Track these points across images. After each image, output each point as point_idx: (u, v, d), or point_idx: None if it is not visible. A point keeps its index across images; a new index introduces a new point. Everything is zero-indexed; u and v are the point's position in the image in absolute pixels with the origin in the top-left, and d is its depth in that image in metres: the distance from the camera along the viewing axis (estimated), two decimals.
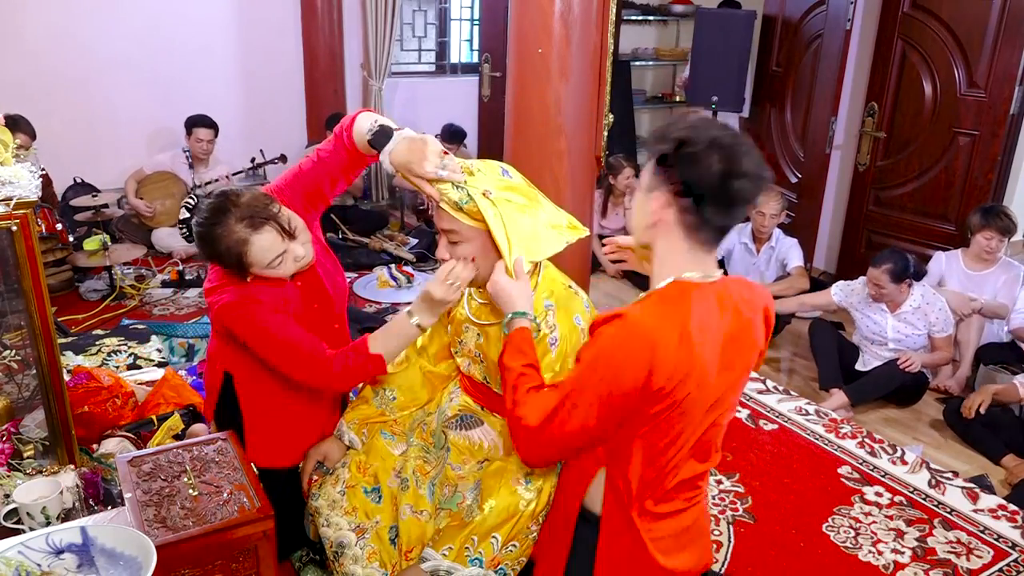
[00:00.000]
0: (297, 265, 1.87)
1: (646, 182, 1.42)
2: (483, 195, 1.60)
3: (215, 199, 1.82)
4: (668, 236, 1.40)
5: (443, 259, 1.71)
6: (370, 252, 5.01)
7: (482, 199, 1.60)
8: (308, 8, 5.79)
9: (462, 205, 1.62)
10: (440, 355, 2.05)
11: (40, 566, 1.32)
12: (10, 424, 2.01)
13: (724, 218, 1.37)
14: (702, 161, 1.31)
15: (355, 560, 1.81)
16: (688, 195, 1.34)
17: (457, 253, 1.68)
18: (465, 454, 1.89)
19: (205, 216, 1.80)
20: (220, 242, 1.78)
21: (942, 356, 3.54)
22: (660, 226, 1.39)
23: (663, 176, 1.36)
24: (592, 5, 2.73)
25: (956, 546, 2.52)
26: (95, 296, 4.16)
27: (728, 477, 2.83)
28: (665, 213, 1.37)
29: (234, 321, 1.82)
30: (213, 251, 1.80)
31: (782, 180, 5.03)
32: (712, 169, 1.30)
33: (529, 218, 1.65)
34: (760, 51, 5.30)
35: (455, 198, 1.62)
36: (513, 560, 1.70)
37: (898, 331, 3.50)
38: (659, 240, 1.42)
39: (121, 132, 5.38)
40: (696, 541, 1.56)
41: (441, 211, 1.67)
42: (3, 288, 2.06)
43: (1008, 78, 3.91)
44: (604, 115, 2.97)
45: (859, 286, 3.61)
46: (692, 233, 1.38)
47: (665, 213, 1.37)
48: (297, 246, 1.84)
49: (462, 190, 1.61)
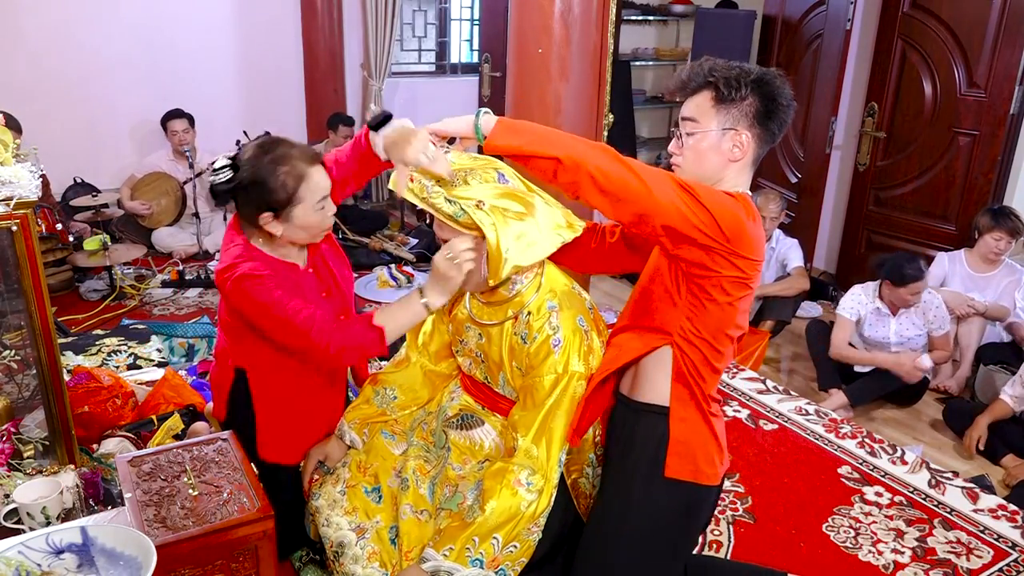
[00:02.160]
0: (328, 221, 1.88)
1: (714, 122, 1.54)
2: (476, 207, 1.62)
3: (270, 139, 1.84)
4: (735, 165, 1.57)
5: None
6: (370, 252, 5.01)
7: (476, 211, 1.61)
8: (308, 8, 5.79)
9: (457, 218, 1.64)
10: (441, 354, 2.06)
11: (40, 566, 1.32)
12: (10, 424, 2.01)
13: (781, 135, 1.58)
14: (777, 87, 1.53)
15: (355, 560, 1.81)
16: (762, 122, 1.53)
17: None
18: (466, 454, 1.90)
19: (264, 148, 1.80)
20: (277, 174, 1.76)
21: (941, 355, 3.54)
22: (737, 160, 1.55)
23: (736, 110, 1.53)
24: (592, 5, 2.73)
25: (956, 546, 2.52)
26: (95, 296, 4.16)
27: (728, 477, 2.83)
28: (747, 148, 1.54)
29: (246, 292, 1.78)
30: (264, 186, 1.77)
31: (782, 180, 5.03)
32: (785, 92, 1.53)
33: (525, 224, 1.66)
34: (760, 51, 5.30)
35: (449, 211, 1.63)
36: (514, 561, 1.70)
37: (900, 334, 3.50)
38: (727, 172, 1.57)
39: (121, 132, 5.38)
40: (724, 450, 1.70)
41: (440, 222, 1.70)
42: (3, 288, 2.07)
43: (1008, 78, 3.91)
44: (604, 115, 2.98)
45: (865, 297, 3.57)
46: (758, 155, 1.58)
47: (747, 148, 1.54)
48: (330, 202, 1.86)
49: (455, 204, 1.63)
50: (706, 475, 1.64)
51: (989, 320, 3.65)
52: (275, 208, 1.79)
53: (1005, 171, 4.07)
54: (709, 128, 1.55)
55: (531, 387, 1.75)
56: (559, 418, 1.72)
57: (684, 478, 1.62)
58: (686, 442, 1.62)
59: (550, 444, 1.71)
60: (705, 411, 1.63)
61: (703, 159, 1.57)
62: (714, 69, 1.55)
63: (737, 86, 1.52)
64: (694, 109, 1.57)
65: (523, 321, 1.77)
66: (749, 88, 1.52)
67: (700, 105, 1.56)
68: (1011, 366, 3.44)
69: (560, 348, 1.72)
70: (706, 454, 1.64)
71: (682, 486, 1.63)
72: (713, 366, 1.61)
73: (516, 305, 1.79)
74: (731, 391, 3.50)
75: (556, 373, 1.71)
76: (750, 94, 1.52)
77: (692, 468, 1.62)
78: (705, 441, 1.64)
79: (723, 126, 1.54)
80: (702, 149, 1.56)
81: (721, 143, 1.55)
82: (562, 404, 1.72)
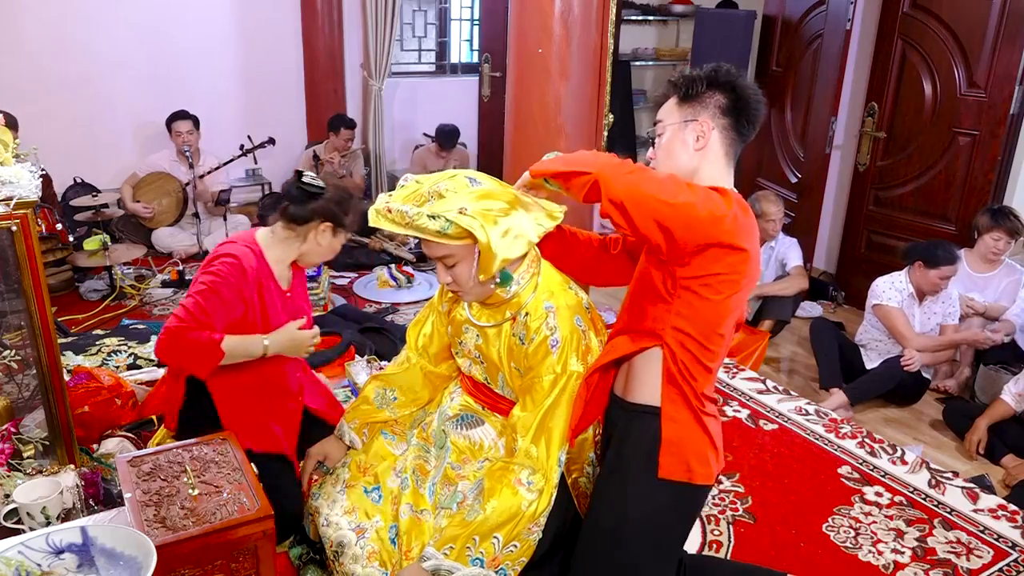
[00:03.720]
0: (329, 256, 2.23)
1: (677, 117, 1.62)
2: (460, 213, 1.62)
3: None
4: (708, 157, 1.60)
5: (445, 282, 1.76)
6: (370, 252, 5.01)
7: (461, 218, 1.61)
8: (308, 8, 5.78)
9: (445, 232, 1.63)
10: (441, 355, 2.06)
11: (40, 566, 1.32)
12: (10, 424, 2.01)
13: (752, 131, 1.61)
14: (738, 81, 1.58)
15: (355, 559, 1.82)
16: (729, 114, 1.58)
17: (457, 273, 1.72)
18: (465, 453, 1.90)
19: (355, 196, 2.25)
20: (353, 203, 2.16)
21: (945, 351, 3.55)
22: (704, 151, 1.60)
23: (698, 104, 1.60)
24: (592, 5, 2.73)
25: (956, 546, 2.52)
26: (95, 296, 4.16)
27: (728, 477, 2.83)
28: (708, 135, 1.59)
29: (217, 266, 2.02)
30: (344, 205, 2.13)
31: (782, 180, 5.03)
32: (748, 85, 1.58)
33: (510, 219, 1.67)
34: (760, 51, 5.30)
35: (436, 228, 1.63)
36: (514, 560, 1.70)
37: (922, 324, 3.53)
38: (700, 164, 1.61)
39: (121, 132, 5.38)
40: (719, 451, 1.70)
41: (428, 243, 1.70)
42: (3, 288, 2.07)
43: (1008, 78, 3.91)
44: (604, 115, 2.98)
45: (898, 284, 3.52)
46: (729, 150, 1.61)
47: (708, 135, 1.59)
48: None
49: (438, 219, 1.63)
50: (700, 475, 1.64)
51: (989, 320, 3.65)
52: (338, 223, 2.12)
53: (1005, 171, 4.07)
54: (673, 123, 1.63)
55: (530, 387, 1.75)
56: (558, 418, 1.72)
57: (677, 478, 1.63)
58: (678, 442, 1.63)
59: (549, 444, 1.72)
60: (698, 411, 1.63)
61: (671, 153, 1.63)
62: (680, 76, 1.65)
63: (697, 82, 1.61)
64: (662, 112, 1.67)
65: (521, 322, 1.77)
66: (707, 83, 1.60)
67: (666, 107, 1.66)
68: (1011, 366, 3.44)
69: (558, 348, 1.72)
70: (699, 454, 1.64)
71: (676, 486, 1.63)
72: (705, 365, 1.62)
73: (514, 306, 1.79)
74: (731, 391, 3.50)
75: (555, 373, 1.72)
76: (711, 88, 1.60)
77: (685, 468, 1.63)
78: (698, 441, 1.64)
79: (684, 118, 1.62)
80: (668, 144, 1.64)
81: (685, 134, 1.61)
82: (561, 404, 1.72)
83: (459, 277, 1.73)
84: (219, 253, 2.07)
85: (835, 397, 3.47)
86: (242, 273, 2.02)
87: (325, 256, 2.20)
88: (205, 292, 1.98)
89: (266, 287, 2.08)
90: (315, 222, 2.10)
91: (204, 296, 1.97)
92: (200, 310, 1.95)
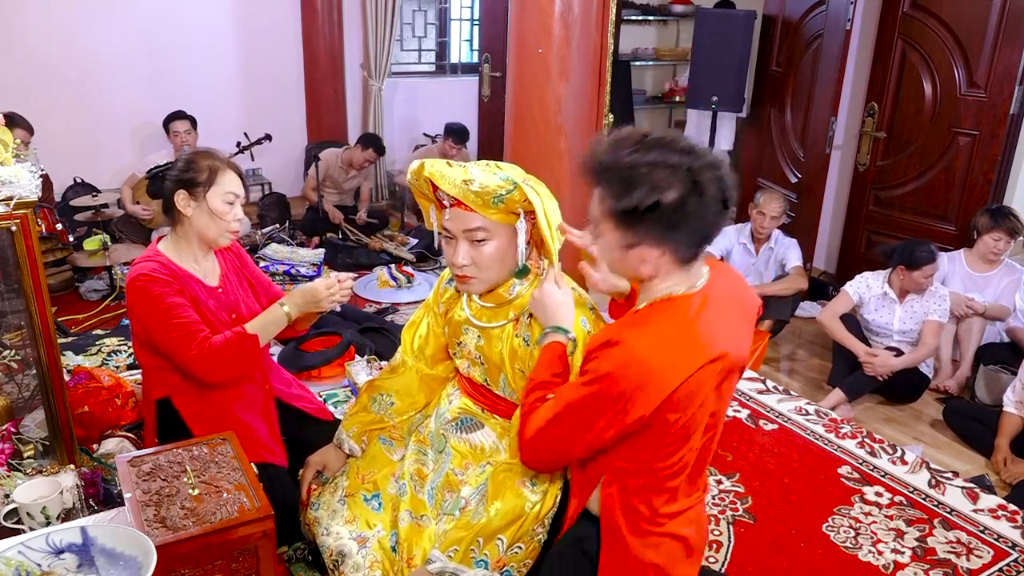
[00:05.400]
0: (235, 225, 2.09)
1: (618, 240, 1.34)
2: (524, 181, 1.56)
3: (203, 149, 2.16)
4: (660, 272, 1.36)
5: (464, 264, 1.68)
6: (370, 252, 5.01)
7: (527, 186, 1.54)
8: (308, 8, 5.79)
9: (503, 196, 1.55)
10: (437, 357, 2.03)
11: (40, 566, 1.32)
12: (10, 424, 2.01)
13: (712, 230, 1.33)
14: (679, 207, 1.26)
15: (356, 568, 1.79)
16: (673, 239, 1.31)
17: (485, 252, 1.66)
18: (467, 458, 1.87)
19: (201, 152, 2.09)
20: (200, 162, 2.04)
21: (928, 349, 3.48)
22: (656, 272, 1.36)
23: (640, 231, 1.30)
24: (592, 5, 2.73)
25: (956, 546, 2.52)
26: (95, 296, 4.16)
27: (728, 477, 2.83)
28: (658, 261, 1.33)
29: (141, 292, 1.97)
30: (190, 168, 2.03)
31: (782, 180, 5.03)
32: (688, 208, 1.26)
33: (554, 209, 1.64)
34: (760, 51, 5.30)
35: (498, 183, 1.53)
36: (518, 562, 1.69)
37: (904, 321, 3.52)
38: (654, 279, 1.38)
39: (121, 132, 5.38)
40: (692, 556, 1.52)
41: (467, 211, 1.62)
42: (3, 288, 2.07)
43: (1008, 78, 3.91)
44: (604, 115, 2.98)
45: (873, 281, 3.59)
46: (684, 259, 1.35)
47: (658, 261, 1.33)
48: (239, 209, 2.09)
49: (501, 177, 1.54)
50: None
51: (988, 320, 3.65)
52: (191, 186, 2.02)
53: (1005, 171, 4.07)
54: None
55: None
56: None
57: None
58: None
59: None
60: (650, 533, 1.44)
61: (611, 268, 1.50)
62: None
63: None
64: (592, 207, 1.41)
65: (525, 323, 1.75)
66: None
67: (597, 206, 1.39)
68: (1011, 366, 3.44)
69: None
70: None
71: None
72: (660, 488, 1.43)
73: (517, 307, 1.77)
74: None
75: None
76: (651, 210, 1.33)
77: None
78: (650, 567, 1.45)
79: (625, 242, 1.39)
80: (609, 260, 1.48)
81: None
82: None
83: (484, 257, 1.66)
84: (131, 279, 2.00)
85: (833, 394, 3.47)
86: (160, 280, 1.99)
87: (223, 226, 2.05)
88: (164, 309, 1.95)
89: (190, 289, 2.04)
90: (173, 198, 2.03)
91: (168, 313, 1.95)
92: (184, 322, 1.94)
